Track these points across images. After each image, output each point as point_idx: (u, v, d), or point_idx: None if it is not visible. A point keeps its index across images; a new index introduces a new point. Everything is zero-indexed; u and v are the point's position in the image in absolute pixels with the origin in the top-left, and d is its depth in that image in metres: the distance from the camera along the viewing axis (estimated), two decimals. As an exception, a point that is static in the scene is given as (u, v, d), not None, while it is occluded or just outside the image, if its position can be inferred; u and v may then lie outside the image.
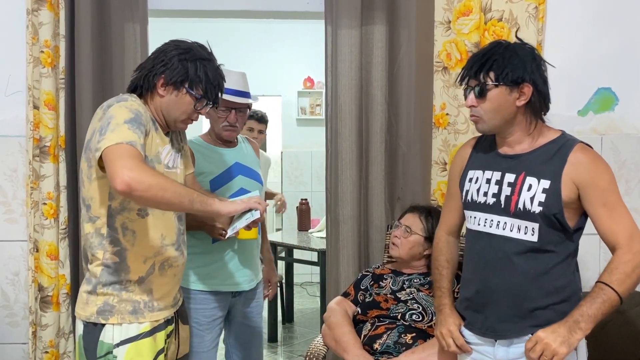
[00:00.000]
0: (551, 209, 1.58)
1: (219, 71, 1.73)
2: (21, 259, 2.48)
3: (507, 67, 1.58)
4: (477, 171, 1.72)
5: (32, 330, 2.42)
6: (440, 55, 2.48)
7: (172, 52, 1.67)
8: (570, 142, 1.63)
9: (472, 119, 1.69)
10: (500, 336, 1.66)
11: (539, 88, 1.61)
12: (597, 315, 1.51)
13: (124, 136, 1.51)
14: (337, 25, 2.43)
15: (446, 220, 1.88)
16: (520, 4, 2.40)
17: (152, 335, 1.67)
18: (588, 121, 2.55)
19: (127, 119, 1.55)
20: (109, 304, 1.64)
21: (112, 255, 1.64)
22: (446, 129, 2.51)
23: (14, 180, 2.47)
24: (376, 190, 2.52)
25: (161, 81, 1.66)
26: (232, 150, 2.30)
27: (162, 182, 1.50)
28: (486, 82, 1.60)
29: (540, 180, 1.59)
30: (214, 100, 1.73)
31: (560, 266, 1.62)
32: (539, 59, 1.64)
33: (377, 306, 2.07)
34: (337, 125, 2.48)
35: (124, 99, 1.64)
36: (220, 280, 2.19)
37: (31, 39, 2.35)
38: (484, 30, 2.42)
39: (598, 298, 1.52)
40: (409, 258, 2.15)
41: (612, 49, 2.53)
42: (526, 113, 1.63)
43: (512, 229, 1.63)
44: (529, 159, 1.64)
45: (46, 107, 2.36)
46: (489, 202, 1.67)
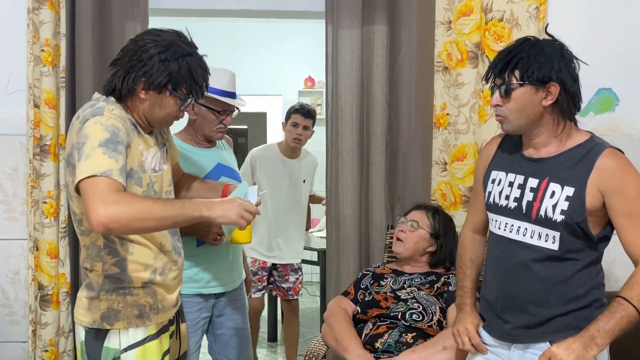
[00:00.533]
0: (574, 218, 1.51)
1: (202, 64, 1.60)
2: (21, 257, 2.48)
3: (533, 66, 1.50)
4: (500, 172, 1.66)
5: (32, 329, 2.42)
6: (441, 55, 2.48)
7: (151, 50, 1.52)
8: (599, 147, 1.54)
9: (497, 119, 1.62)
10: (518, 340, 1.62)
11: (567, 87, 1.52)
12: (615, 331, 1.45)
13: (98, 165, 1.42)
14: (337, 25, 2.43)
15: (472, 218, 1.83)
16: (521, 4, 2.40)
17: (158, 338, 1.64)
18: (589, 122, 2.55)
19: (102, 140, 1.45)
20: (113, 309, 1.59)
21: (111, 266, 1.59)
22: (446, 129, 2.50)
23: (15, 179, 2.47)
24: (376, 190, 2.51)
25: (141, 85, 1.54)
26: (212, 151, 2.23)
27: (140, 213, 1.41)
28: (511, 81, 1.53)
29: (564, 187, 1.52)
30: (199, 96, 1.62)
31: (581, 273, 1.55)
32: (568, 56, 1.55)
33: (376, 305, 2.07)
34: (338, 125, 2.47)
35: (99, 111, 1.50)
36: (203, 283, 2.15)
37: (32, 37, 2.35)
38: (485, 31, 2.42)
39: (616, 313, 1.45)
40: (413, 253, 2.15)
41: (612, 50, 2.53)
42: (553, 113, 1.54)
43: (533, 236, 1.57)
44: (553, 163, 1.56)
45: (47, 105, 2.36)
46: (510, 206, 1.61)
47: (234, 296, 2.28)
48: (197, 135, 2.20)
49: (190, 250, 2.12)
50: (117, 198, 1.40)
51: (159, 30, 1.60)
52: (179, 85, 1.56)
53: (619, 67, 2.54)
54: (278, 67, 5.84)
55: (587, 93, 2.54)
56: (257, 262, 3.29)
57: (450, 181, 2.51)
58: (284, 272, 3.33)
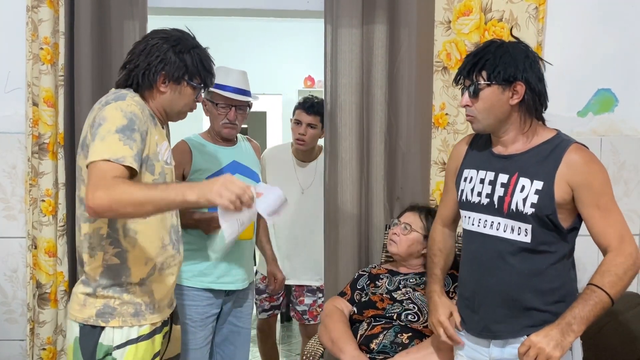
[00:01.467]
0: (544, 211, 1.57)
1: (208, 54, 1.73)
2: (19, 255, 2.48)
3: (499, 66, 1.57)
4: (472, 170, 1.72)
5: (30, 327, 2.42)
6: (440, 55, 2.48)
7: (164, 46, 1.64)
8: (565, 143, 1.61)
9: (467, 119, 1.69)
10: (496, 336, 1.66)
11: (532, 86, 1.59)
12: (590, 317, 1.51)
13: (113, 150, 1.46)
14: (337, 24, 2.43)
15: (441, 213, 1.90)
16: (521, 4, 2.40)
17: (150, 338, 1.65)
18: (588, 122, 2.55)
19: (120, 126, 1.50)
20: (109, 306, 1.60)
21: (112, 256, 1.60)
22: (445, 129, 2.50)
23: (13, 177, 2.47)
24: (375, 190, 2.51)
25: (162, 78, 1.64)
26: (231, 148, 2.29)
27: (120, 197, 1.40)
28: (479, 81, 1.60)
29: (534, 181, 1.59)
30: (211, 84, 1.75)
31: (555, 267, 1.62)
32: (532, 56, 1.62)
33: (373, 306, 2.07)
34: (337, 124, 2.47)
35: (121, 96, 1.59)
36: (214, 277, 2.18)
37: (31, 35, 2.35)
38: (484, 31, 2.42)
39: (590, 300, 1.52)
40: (407, 255, 2.15)
41: (612, 50, 2.53)
42: (520, 111, 1.62)
43: (506, 230, 1.62)
44: (522, 159, 1.63)
45: (45, 104, 2.36)
46: (482, 202, 1.66)
47: (242, 295, 2.32)
48: (214, 133, 2.29)
49: (201, 243, 2.15)
50: (107, 183, 1.42)
51: (163, 29, 1.71)
52: (194, 75, 1.68)
53: (618, 67, 2.54)
54: (278, 66, 5.84)
55: (586, 93, 2.56)
56: (266, 280, 2.82)
57: (449, 181, 2.51)
58: (298, 293, 2.88)
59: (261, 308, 2.93)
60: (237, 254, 2.22)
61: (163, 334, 1.72)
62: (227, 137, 2.27)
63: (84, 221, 1.63)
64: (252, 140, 2.48)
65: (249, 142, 2.44)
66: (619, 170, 2.55)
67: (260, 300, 2.92)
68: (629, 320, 2.30)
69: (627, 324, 2.29)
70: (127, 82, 1.66)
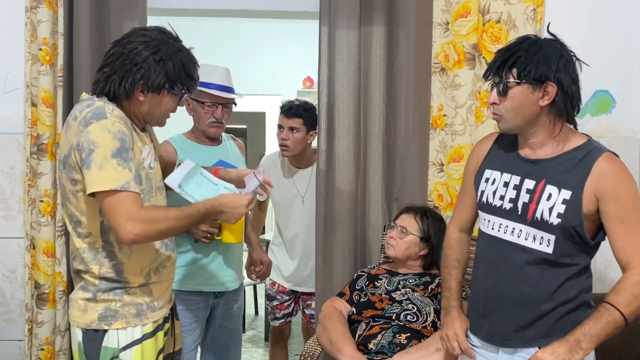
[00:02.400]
0: (570, 222, 1.49)
1: (192, 57, 1.64)
2: (18, 256, 2.49)
3: (531, 64, 1.49)
4: (495, 172, 1.64)
5: (28, 327, 2.43)
6: (438, 57, 2.49)
7: (143, 52, 1.54)
8: (597, 151, 1.52)
9: (493, 117, 1.61)
10: (507, 345, 1.61)
11: (564, 88, 1.50)
12: (600, 336, 1.45)
13: (116, 178, 1.47)
14: (335, 26, 2.43)
15: (459, 216, 1.81)
16: (519, 5, 2.40)
17: (154, 336, 1.65)
18: (585, 123, 2.55)
19: (114, 150, 1.48)
20: (111, 309, 1.60)
21: (108, 269, 1.59)
22: (443, 130, 2.51)
23: (12, 178, 2.47)
24: (373, 191, 2.52)
25: (139, 88, 1.56)
26: (216, 148, 2.27)
27: (162, 227, 1.54)
28: (508, 79, 1.52)
29: (561, 190, 1.51)
30: (193, 89, 1.68)
31: (574, 279, 1.55)
32: (568, 55, 1.53)
33: (372, 306, 2.07)
34: (334, 125, 2.47)
35: (102, 114, 1.51)
36: (202, 280, 2.17)
37: (30, 36, 2.35)
38: (482, 32, 2.42)
39: (602, 318, 1.46)
40: (404, 258, 2.15)
41: (609, 52, 2.53)
42: (550, 114, 1.53)
43: (527, 238, 1.55)
44: (550, 165, 1.54)
45: (44, 104, 2.36)
46: (505, 206, 1.59)
47: (232, 297, 2.30)
48: (198, 133, 2.25)
49: (189, 245, 2.14)
50: (143, 215, 1.51)
51: (143, 29, 1.63)
52: (175, 83, 1.60)
53: (616, 68, 2.54)
54: (277, 66, 5.85)
55: (583, 95, 2.48)
56: (275, 285, 2.83)
57: (447, 182, 2.51)
58: (306, 297, 2.82)
59: (273, 315, 2.88)
60: (226, 255, 2.21)
61: (165, 331, 1.72)
62: (213, 135, 2.24)
63: (76, 237, 1.60)
64: (236, 139, 2.46)
65: (233, 141, 2.42)
66: (616, 172, 2.55)
67: (271, 307, 2.87)
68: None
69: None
70: (104, 90, 1.58)
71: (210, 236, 2.10)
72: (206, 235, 2.09)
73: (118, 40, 1.61)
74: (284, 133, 2.62)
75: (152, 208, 1.59)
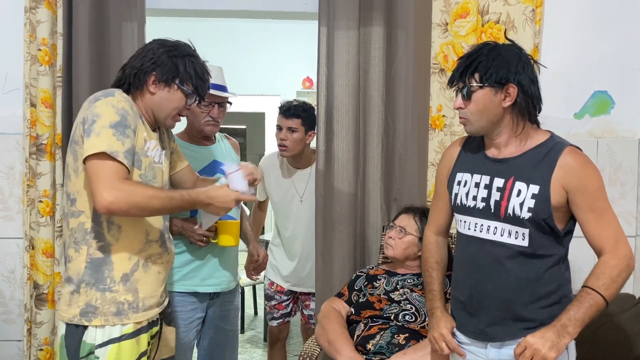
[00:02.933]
0: (540, 215, 1.56)
1: (205, 67, 1.75)
2: (17, 256, 2.49)
3: (491, 68, 1.57)
4: (466, 174, 1.71)
5: (27, 328, 2.43)
6: (437, 57, 2.49)
7: (159, 50, 1.67)
8: (560, 146, 1.60)
9: (460, 121, 1.68)
10: (493, 339, 1.66)
11: (524, 89, 1.58)
12: (585, 319, 1.52)
13: (107, 144, 1.52)
14: (334, 26, 2.43)
15: (434, 220, 1.87)
16: (518, 6, 2.41)
17: (135, 337, 1.65)
18: (584, 124, 2.56)
19: (113, 122, 1.55)
20: (91, 305, 1.61)
21: (96, 250, 1.62)
22: (442, 131, 2.51)
23: (11, 178, 2.47)
24: (372, 191, 2.52)
25: (152, 78, 1.66)
26: (211, 147, 2.27)
27: (139, 201, 1.54)
28: (471, 83, 1.59)
29: (530, 185, 1.58)
30: (204, 94, 1.75)
31: (551, 270, 1.62)
32: (525, 58, 1.62)
33: (370, 306, 2.07)
34: (333, 125, 2.47)
35: (110, 93, 1.62)
36: (198, 280, 2.16)
37: (29, 36, 2.35)
38: (481, 33, 2.43)
39: (585, 302, 1.53)
40: (403, 258, 2.15)
41: (608, 52, 2.54)
42: (513, 114, 1.61)
43: (503, 234, 1.62)
44: (517, 163, 1.62)
45: (43, 105, 2.36)
46: (478, 206, 1.66)
47: (228, 298, 2.29)
48: (192, 133, 2.25)
49: (185, 246, 2.13)
50: (122, 185, 1.52)
51: (164, 38, 1.74)
52: (186, 80, 1.69)
53: (615, 69, 2.55)
54: (276, 67, 5.85)
55: (582, 95, 2.57)
56: (273, 285, 2.83)
57: (446, 183, 2.51)
58: (304, 299, 2.80)
59: (271, 315, 2.87)
60: (222, 256, 2.21)
61: (151, 334, 1.72)
62: (209, 134, 2.24)
63: (70, 216, 1.65)
64: (230, 138, 2.45)
65: (227, 140, 2.42)
66: (615, 172, 2.56)
67: (270, 307, 2.86)
68: (624, 321, 2.31)
69: (623, 325, 2.30)
70: (120, 82, 1.69)
71: (206, 239, 2.09)
72: (202, 238, 2.08)
73: (140, 47, 1.77)
74: (283, 133, 2.62)
75: (134, 182, 1.60)
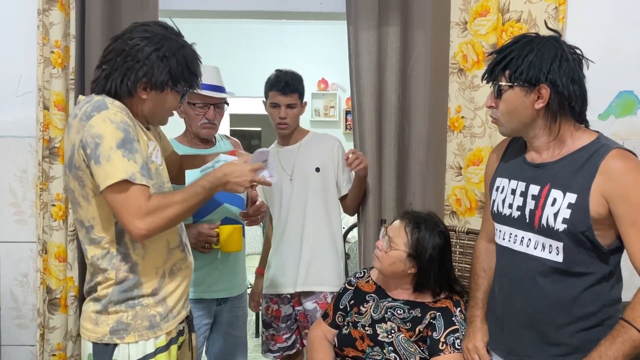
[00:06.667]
0: (577, 227, 1.40)
1: (194, 53, 1.59)
2: (30, 260, 2.47)
3: (522, 66, 1.43)
4: (504, 179, 1.58)
5: (40, 333, 2.40)
6: (456, 57, 2.42)
7: (146, 49, 1.49)
8: (605, 148, 1.41)
9: (492, 121, 1.56)
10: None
11: (559, 89, 1.42)
12: (618, 357, 1.35)
13: (123, 170, 1.41)
14: (357, 26, 2.36)
15: (485, 227, 1.76)
16: (540, 4, 2.33)
17: (167, 350, 1.60)
18: (609, 125, 2.47)
19: (119, 141, 1.43)
20: (123, 322, 1.54)
21: (125, 272, 1.55)
22: (461, 133, 2.44)
23: (24, 181, 2.46)
24: (388, 195, 2.44)
25: (142, 86, 1.52)
26: (209, 151, 2.21)
27: (171, 217, 1.49)
28: (501, 82, 1.46)
29: (566, 193, 1.42)
30: (196, 86, 1.62)
31: (591, 290, 1.44)
32: (564, 54, 1.44)
33: (352, 344, 1.87)
34: (361, 129, 2.40)
35: (102, 105, 1.46)
36: (205, 287, 2.13)
37: (42, 39, 2.33)
38: (502, 32, 2.36)
39: (619, 337, 1.36)
40: (391, 274, 1.86)
41: (634, 51, 2.45)
42: (546, 117, 1.46)
43: (537, 247, 1.48)
44: (555, 168, 1.47)
45: (56, 107, 2.34)
46: (513, 215, 1.53)
47: (236, 304, 2.26)
48: (190, 136, 2.22)
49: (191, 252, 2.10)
50: (150, 207, 1.45)
51: (145, 24, 1.56)
52: (179, 80, 1.56)
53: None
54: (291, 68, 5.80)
55: (607, 96, 2.49)
56: (269, 310, 2.44)
57: (466, 186, 2.44)
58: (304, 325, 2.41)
59: (266, 346, 2.49)
60: (228, 261, 2.17)
61: (180, 344, 1.67)
62: (206, 137, 2.19)
63: (88, 244, 1.56)
64: (230, 138, 2.41)
65: (228, 140, 2.37)
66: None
67: (266, 337, 2.49)
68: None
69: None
70: (105, 88, 1.52)
71: (208, 246, 2.06)
72: (204, 244, 2.04)
73: (118, 36, 1.56)
74: (282, 111, 2.38)
75: (158, 196, 1.49)
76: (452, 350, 1.74)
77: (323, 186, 2.37)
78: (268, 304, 2.46)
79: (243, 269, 2.29)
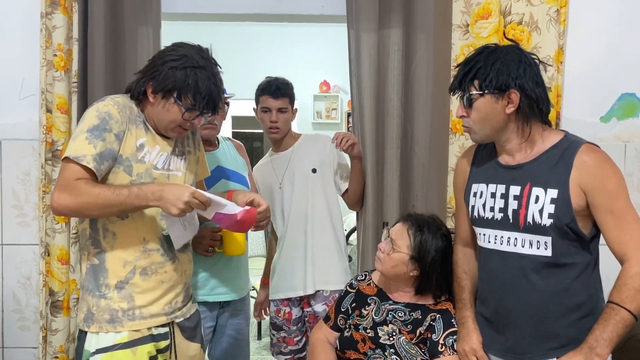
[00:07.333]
0: (563, 220, 1.48)
1: (213, 79, 1.64)
2: (33, 262, 2.48)
3: (491, 74, 1.50)
4: (481, 185, 1.64)
5: (43, 335, 2.41)
6: (458, 59, 2.42)
7: (164, 58, 1.65)
8: (575, 144, 1.52)
9: (464, 130, 1.62)
10: (521, 358, 1.58)
11: (528, 93, 1.50)
12: (613, 338, 1.43)
13: (75, 149, 1.55)
14: (358, 29, 2.37)
15: (459, 233, 1.81)
16: (541, 7, 2.34)
17: (131, 348, 1.62)
18: (611, 128, 2.47)
19: (90, 126, 1.58)
20: (90, 311, 1.65)
21: (93, 257, 1.65)
22: (464, 135, 2.44)
23: (27, 184, 2.47)
24: (390, 198, 2.44)
25: (150, 88, 1.66)
26: (213, 153, 2.21)
27: (83, 202, 1.53)
28: (471, 91, 1.53)
29: (547, 189, 1.50)
30: (204, 109, 1.64)
31: (579, 280, 1.53)
32: (527, 60, 1.54)
33: (354, 347, 1.88)
34: (362, 131, 2.41)
35: (104, 98, 1.66)
36: (207, 290, 2.13)
37: (45, 42, 2.34)
38: (504, 34, 2.36)
39: (610, 320, 1.43)
40: (393, 276, 1.86)
41: (636, 53, 2.45)
42: (517, 120, 1.54)
43: (524, 245, 1.54)
44: (532, 167, 1.54)
45: (59, 110, 2.35)
46: (496, 217, 1.58)
47: (239, 306, 2.26)
48: None
49: (193, 255, 2.10)
50: (72, 185, 1.53)
51: (182, 44, 1.69)
52: (184, 94, 1.62)
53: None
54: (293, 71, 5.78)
55: (609, 98, 2.49)
56: (280, 312, 2.43)
57: (467, 188, 2.44)
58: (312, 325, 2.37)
59: (277, 349, 2.49)
60: (230, 264, 2.18)
61: (157, 348, 1.67)
62: (207, 138, 2.20)
63: (80, 222, 1.73)
64: (233, 140, 2.41)
65: (231, 142, 2.37)
66: (643, 177, 2.47)
67: (277, 339, 2.48)
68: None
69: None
70: (129, 88, 1.72)
71: (211, 249, 2.06)
72: (207, 248, 2.05)
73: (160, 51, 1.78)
74: (273, 115, 2.39)
75: (90, 182, 1.56)
76: (451, 352, 1.75)
77: (322, 186, 2.40)
78: (278, 306, 2.45)
79: (246, 272, 2.29)
